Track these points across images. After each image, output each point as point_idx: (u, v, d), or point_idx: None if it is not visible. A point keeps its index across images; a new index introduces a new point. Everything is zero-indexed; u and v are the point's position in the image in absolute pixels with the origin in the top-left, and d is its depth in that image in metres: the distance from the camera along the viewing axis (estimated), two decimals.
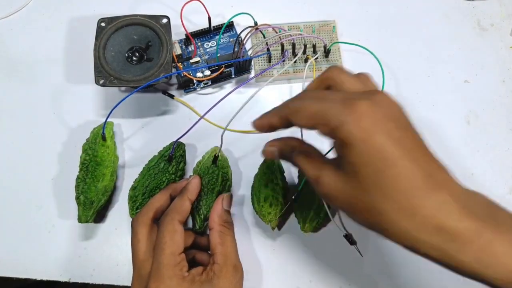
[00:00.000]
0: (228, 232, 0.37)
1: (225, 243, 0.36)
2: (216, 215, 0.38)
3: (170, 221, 0.36)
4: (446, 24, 0.54)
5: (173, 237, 0.35)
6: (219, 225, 0.37)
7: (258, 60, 0.50)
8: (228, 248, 0.36)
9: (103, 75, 0.43)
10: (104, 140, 0.43)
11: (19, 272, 0.42)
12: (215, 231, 0.37)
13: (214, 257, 0.35)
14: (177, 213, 0.36)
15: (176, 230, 0.35)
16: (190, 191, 0.39)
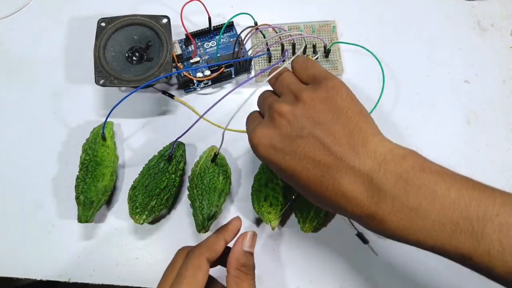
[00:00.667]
0: (245, 278, 0.33)
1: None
2: (233, 257, 0.33)
3: (198, 256, 0.32)
4: (446, 24, 0.54)
5: (196, 273, 0.31)
6: (235, 270, 0.33)
7: (258, 60, 0.50)
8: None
9: (103, 75, 0.43)
10: (104, 140, 0.43)
11: (19, 272, 0.42)
12: (230, 276, 0.33)
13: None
14: (207, 250, 0.33)
15: (200, 267, 0.32)
16: (228, 231, 0.35)
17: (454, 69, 0.51)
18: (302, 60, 0.36)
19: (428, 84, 0.50)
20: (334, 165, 0.29)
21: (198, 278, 0.31)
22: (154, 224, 0.44)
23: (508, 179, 0.46)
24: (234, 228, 0.36)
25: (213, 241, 0.34)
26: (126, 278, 0.42)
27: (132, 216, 0.41)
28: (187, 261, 0.32)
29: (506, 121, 0.49)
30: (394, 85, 0.50)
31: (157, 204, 0.41)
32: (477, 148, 0.48)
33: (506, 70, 0.52)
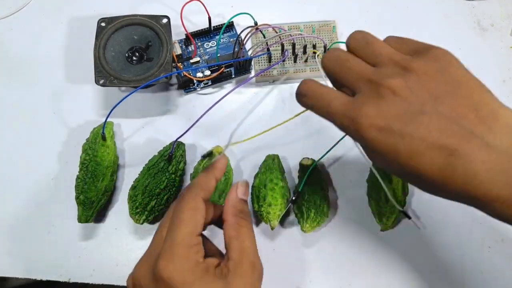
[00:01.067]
0: (244, 223, 0.32)
1: (241, 236, 0.31)
2: (230, 205, 0.32)
3: (193, 197, 0.31)
4: (446, 24, 0.54)
5: (193, 215, 0.30)
6: (233, 216, 0.32)
7: (258, 60, 0.50)
8: (244, 242, 0.31)
9: (103, 75, 0.43)
10: (104, 140, 0.43)
11: (19, 272, 0.42)
12: (229, 223, 0.32)
13: (229, 253, 0.30)
14: (201, 190, 0.31)
15: (198, 208, 0.30)
16: (216, 168, 0.34)
17: None
18: (395, 39, 0.33)
19: None
20: (464, 142, 0.25)
21: (197, 219, 0.30)
22: (154, 224, 0.44)
23: None
24: (222, 165, 0.34)
25: (204, 180, 0.32)
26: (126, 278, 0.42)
27: (132, 216, 0.41)
28: (182, 204, 0.30)
29: None
30: None
31: (157, 204, 0.41)
32: None
33: (506, 70, 0.52)
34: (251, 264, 0.30)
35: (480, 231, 0.44)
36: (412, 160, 0.26)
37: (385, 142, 0.26)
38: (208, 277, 0.28)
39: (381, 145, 0.26)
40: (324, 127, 0.48)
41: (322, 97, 0.30)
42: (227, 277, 0.29)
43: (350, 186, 0.46)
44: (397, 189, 0.41)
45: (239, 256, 0.30)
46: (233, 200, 0.33)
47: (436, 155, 0.25)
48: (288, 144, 0.47)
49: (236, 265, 0.29)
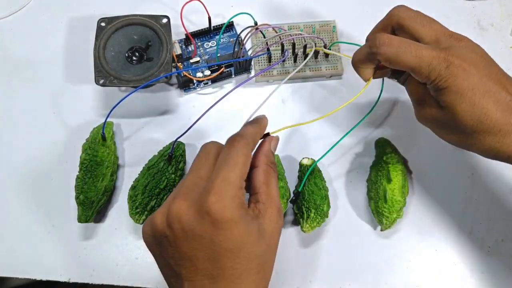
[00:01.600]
0: (273, 173, 0.34)
1: (270, 184, 0.33)
2: (263, 154, 0.34)
3: (246, 145, 0.31)
4: (446, 24, 0.53)
5: (246, 161, 0.31)
6: (265, 165, 0.33)
7: (258, 60, 0.50)
8: (273, 190, 0.33)
9: (103, 75, 0.43)
10: (104, 140, 0.43)
11: (19, 272, 0.42)
12: (260, 169, 0.33)
13: (258, 196, 0.32)
14: (252, 141, 0.33)
15: (249, 156, 0.31)
16: (261, 126, 0.35)
17: None
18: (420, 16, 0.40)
19: None
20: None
21: (247, 166, 0.31)
22: None
23: (508, 179, 0.46)
24: (265, 125, 0.36)
25: (254, 134, 0.34)
26: (126, 278, 0.42)
27: (132, 216, 0.41)
28: (236, 148, 0.31)
29: None
30: (394, 85, 0.50)
31: (157, 204, 0.41)
32: None
33: (506, 70, 0.51)
34: (278, 209, 0.32)
35: (480, 231, 0.44)
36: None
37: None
38: (248, 217, 0.29)
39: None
40: (324, 128, 0.48)
41: (410, 44, 0.34)
42: (259, 218, 0.31)
43: (350, 186, 0.46)
44: (396, 189, 0.41)
45: (269, 201, 0.32)
46: (267, 151, 0.35)
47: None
48: (289, 144, 0.47)
49: (266, 208, 0.31)
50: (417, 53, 0.33)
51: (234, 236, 0.28)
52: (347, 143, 0.47)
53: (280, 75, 0.49)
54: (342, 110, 0.49)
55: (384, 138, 0.45)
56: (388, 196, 0.41)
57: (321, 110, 0.49)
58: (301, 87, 0.50)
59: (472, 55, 0.34)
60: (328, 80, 0.50)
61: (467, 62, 0.33)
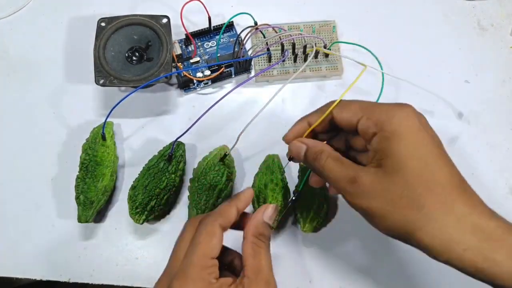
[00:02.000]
0: (262, 245, 0.33)
1: (258, 256, 0.32)
2: (252, 225, 0.33)
3: (211, 222, 0.32)
4: (446, 24, 0.54)
5: (210, 239, 0.31)
6: (252, 236, 0.33)
7: (258, 60, 0.50)
8: (261, 261, 0.32)
9: (103, 75, 0.43)
10: (104, 140, 0.43)
11: (19, 272, 0.42)
12: (248, 241, 0.33)
13: (245, 270, 0.32)
14: (220, 216, 0.33)
15: (214, 233, 0.31)
16: (240, 200, 0.35)
17: (454, 69, 0.51)
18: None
19: (428, 84, 0.50)
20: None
21: (212, 244, 0.31)
22: (154, 224, 0.44)
23: (508, 179, 0.46)
24: (246, 198, 0.35)
25: (225, 209, 0.33)
26: (126, 278, 0.42)
27: (132, 216, 0.41)
28: (200, 228, 0.32)
29: (506, 121, 0.49)
30: (394, 85, 0.50)
31: (157, 204, 0.41)
32: (477, 148, 0.48)
33: (506, 70, 0.52)
34: (266, 282, 0.32)
35: None
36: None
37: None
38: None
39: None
40: None
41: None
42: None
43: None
44: None
45: (254, 275, 0.31)
46: (257, 221, 0.34)
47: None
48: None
49: (250, 283, 0.31)
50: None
51: None
52: None
53: (280, 75, 0.49)
54: None
55: None
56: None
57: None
58: (301, 87, 0.50)
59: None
60: (328, 80, 0.50)
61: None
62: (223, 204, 0.34)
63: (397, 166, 0.28)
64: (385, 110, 0.29)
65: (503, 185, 0.46)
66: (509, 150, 0.48)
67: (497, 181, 0.46)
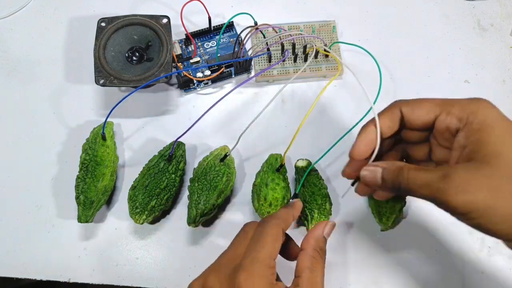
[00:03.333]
0: (320, 260, 0.33)
1: (315, 270, 0.32)
2: (313, 238, 0.34)
3: (276, 225, 0.32)
4: (446, 24, 0.54)
5: (274, 241, 0.31)
6: (313, 250, 0.33)
7: (258, 60, 0.50)
8: (317, 277, 0.32)
9: (103, 75, 0.43)
10: (104, 140, 0.43)
11: (19, 272, 0.42)
12: (307, 253, 0.33)
13: (299, 280, 0.31)
14: (283, 221, 0.33)
15: (279, 236, 0.32)
16: (296, 209, 0.36)
17: (454, 69, 0.51)
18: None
19: (428, 84, 0.50)
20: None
21: (276, 246, 0.31)
22: (154, 224, 0.44)
23: None
24: (299, 208, 0.37)
25: (286, 215, 0.34)
26: (126, 278, 0.42)
27: (132, 216, 0.41)
28: (266, 229, 0.32)
29: None
30: (394, 85, 0.50)
31: (157, 204, 0.41)
32: None
33: (506, 70, 0.52)
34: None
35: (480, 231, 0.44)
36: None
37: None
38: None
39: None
40: (325, 128, 0.48)
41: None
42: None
43: (350, 186, 0.45)
44: None
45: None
46: (318, 235, 0.34)
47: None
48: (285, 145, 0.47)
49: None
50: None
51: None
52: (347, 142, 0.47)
53: (280, 75, 0.49)
54: (341, 109, 0.49)
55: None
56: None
57: (321, 110, 0.49)
58: (301, 87, 0.50)
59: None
60: (328, 80, 0.50)
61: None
62: (283, 210, 0.35)
63: (493, 155, 0.26)
64: (465, 104, 0.29)
65: None
66: None
67: None
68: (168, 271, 0.42)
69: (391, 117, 0.32)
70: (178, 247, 0.43)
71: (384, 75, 0.49)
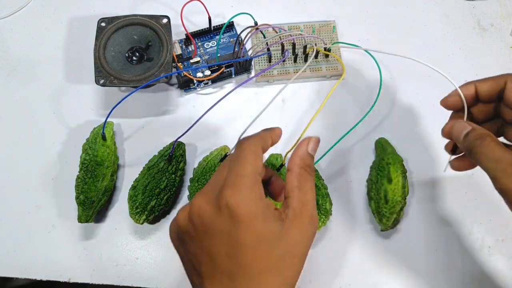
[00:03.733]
0: (308, 177, 0.31)
1: (304, 188, 0.30)
2: (297, 157, 0.32)
3: (254, 143, 0.30)
4: (446, 24, 0.54)
5: (255, 157, 0.29)
6: (299, 168, 0.31)
7: (258, 60, 0.50)
8: (306, 195, 0.30)
9: (103, 75, 0.43)
10: (104, 140, 0.43)
11: (19, 272, 0.42)
12: (293, 172, 0.31)
13: (289, 201, 0.30)
14: (261, 140, 0.31)
15: (259, 154, 0.30)
16: (274, 133, 0.34)
17: (454, 69, 0.51)
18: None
19: (428, 84, 0.50)
20: None
21: (258, 162, 0.29)
22: (154, 224, 0.44)
23: None
24: (278, 133, 0.34)
25: (264, 136, 0.32)
26: (126, 278, 0.42)
27: (132, 216, 0.41)
28: (243, 147, 0.30)
29: None
30: (394, 85, 0.50)
31: (157, 204, 0.41)
32: None
33: (506, 70, 0.52)
34: (310, 217, 0.30)
35: (480, 231, 0.44)
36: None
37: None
38: (269, 213, 0.28)
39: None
40: (322, 128, 0.48)
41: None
42: (285, 223, 0.28)
43: (350, 186, 0.46)
44: (397, 189, 0.41)
45: (300, 207, 0.29)
46: (303, 153, 0.32)
47: None
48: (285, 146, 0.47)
49: (295, 215, 0.29)
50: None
51: (251, 230, 0.27)
52: (347, 143, 0.47)
53: (280, 75, 0.49)
54: (342, 109, 0.49)
55: (384, 138, 0.45)
56: (389, 197, 0.41)
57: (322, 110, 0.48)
58: (301, 87, 0.50)
59: None
60: (328, 80, 0.50)
61: None
62: (262, 131, 0.33)
63: None
64: None
65: None
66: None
67: None
68: (168, 271, 0.42)
69: (492, 84, 0.32)
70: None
71: (384, 75, 0.49)
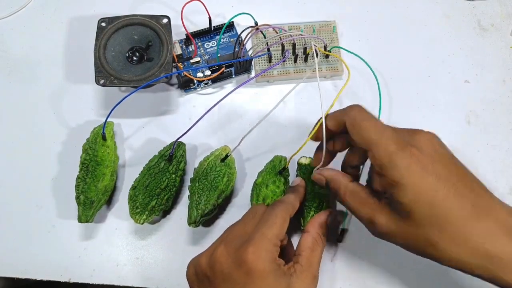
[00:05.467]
0: (321, 243, 0.37)
1: (315, 251, 0.36)
2: (317, 223, 0.38)
3: (286, 210, 0.36)
4: (446, 24, 0.54)
5: (283, 225, 0.34)
6: (316, 233, 0.37)
7: (259, 60, 0.50)
8: (315, 257, 0.35)
9: (104, 75, 0.43)
10: (105, 140, 0.43)
11: (19, 272, 0.42)
12: (310, 235, 0.36)
13: (299, 258, 0.35)
14: (292, 208, 0.37)
15: (286, 221, 0.35)
16: (301, 194, 0.40)
17: (454, 69, 0.51)
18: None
19: (428, 84, 0.50)
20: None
21: (283, 229, 0.34)
22: (154, 224, 0.44)
23: (508, 179, 0.46)
24: (303, 190, 0.40)
25: (294, 201, 0.38)
26: (126, 278, 0.42)
27: (132, 216, 0.41)
28: (275, 212, 0.35)
29: (506, 121, 0.49)
30: (394, 85, 0.50)
31: (157, 204, 0.41)
32: (477, 148, 0.48)
33: (506, 70, 0.52)
34: (314, 276, 0.34)
35: None
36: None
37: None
38: (279, 271, 0.32)
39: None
40: None
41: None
42: (292, 277, 0.33)
43: None
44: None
45: (307, 266, 0.34)
46: (322, 222, 0.38)
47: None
48: (286, 145, 0.47)
49: (302, 271, 0.34)
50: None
51: (264, 285, 0.31)
52: None
53: (280, 76, 0.49)
54: None
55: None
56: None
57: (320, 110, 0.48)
58: (301, 87, 0.50)
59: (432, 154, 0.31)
60: (328, 80, 0.50)
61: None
62: (290, 195, 0.39)
63: (405, 211, 0.30)
64: (390, 153, 0.30)
65: (503, 185, 0.46)
66: (509, 150, 0.48)
67: (497, 181, 0.46)
68: (168, 271, 0.42)
69: (336, 121, 0.35)
70: (178, 247, 0.43)
71: (384, 75, 0.49)
